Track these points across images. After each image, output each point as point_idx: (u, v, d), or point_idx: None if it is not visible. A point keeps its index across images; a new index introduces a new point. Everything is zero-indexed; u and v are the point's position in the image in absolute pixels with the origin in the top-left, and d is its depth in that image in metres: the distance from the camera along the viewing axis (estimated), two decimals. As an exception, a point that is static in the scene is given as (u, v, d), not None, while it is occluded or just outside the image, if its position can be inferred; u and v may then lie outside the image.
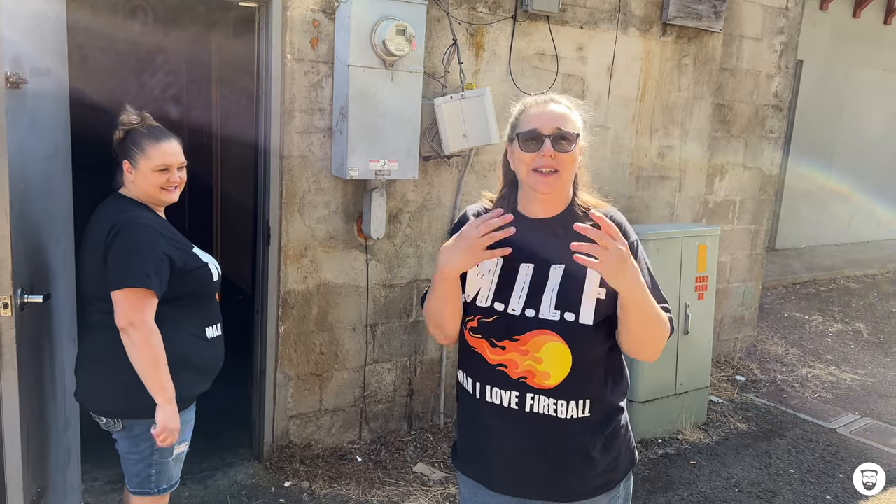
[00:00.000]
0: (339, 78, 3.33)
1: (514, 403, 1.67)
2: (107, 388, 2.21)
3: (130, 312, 2.09)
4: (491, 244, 1.59)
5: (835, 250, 9.91)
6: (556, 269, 1.68)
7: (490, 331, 1.68)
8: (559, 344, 1.63)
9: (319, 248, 3.54)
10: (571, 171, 1.72)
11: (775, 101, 5.28)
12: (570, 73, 4.19)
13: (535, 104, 1.76)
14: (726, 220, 5.24)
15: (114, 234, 2.12)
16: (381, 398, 3.91)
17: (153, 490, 2.31)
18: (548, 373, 1.63)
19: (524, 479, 1.73)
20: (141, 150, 2.22)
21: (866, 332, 6.50)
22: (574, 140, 1.69)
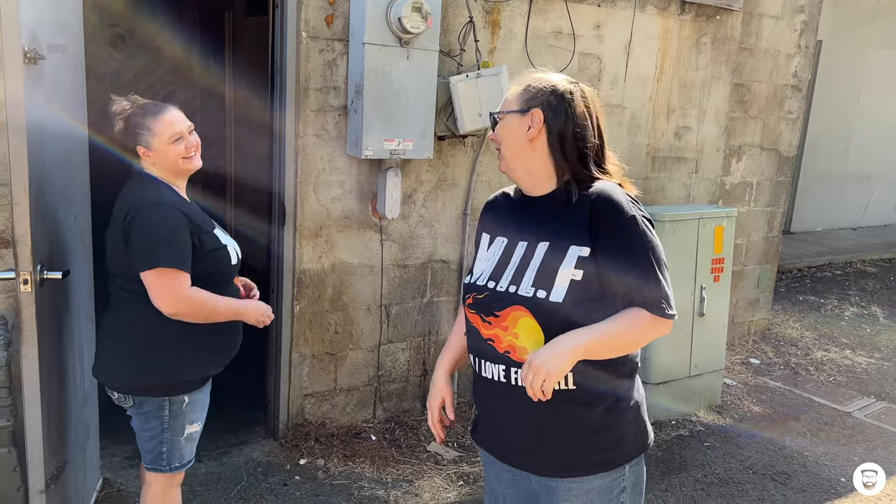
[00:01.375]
0: (354, 56, 3.30)
1: (502, 377, 1.70)
2: (119, 364, 2.23)
3: (165, 294, 2.10)
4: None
5: (851, 234, 9.82)
6: (541, 246, 1.69)
7: (481, 307, 1.73)
8: (531, 320, 1.64)
9: (334, 228, 3.54)
10: (508, 146, 1.74)
11: (794, 82, 5.21)
12: (587, 52, 4.14)
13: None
14: (743, 202, 5.20)
15: (133, 214, 2.11)
16: (395, 378, 3.92)
17: (165, 468, 2.33)
18: (525, 347, 1.65)
19: (521, 452, 1.75)
20: (148, 130, 2.19)
21: (882, 315, 6.45)
22: (500, 120, 1.75)
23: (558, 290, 1.62)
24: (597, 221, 1.64)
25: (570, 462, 1.70)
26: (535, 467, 1.74)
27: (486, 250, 1.82)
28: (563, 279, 1.63)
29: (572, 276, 1.62)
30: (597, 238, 1.63)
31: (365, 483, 3.33)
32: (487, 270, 1.76)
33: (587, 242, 1.63)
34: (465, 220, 3.93)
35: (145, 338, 2.19)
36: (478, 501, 3.25)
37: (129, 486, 3.16)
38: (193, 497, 3.12)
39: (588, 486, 1.70)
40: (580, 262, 1.62)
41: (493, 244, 1.81)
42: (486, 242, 1.84)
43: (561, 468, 1.71)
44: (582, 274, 1.62)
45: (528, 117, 1.70)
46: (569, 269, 1.63)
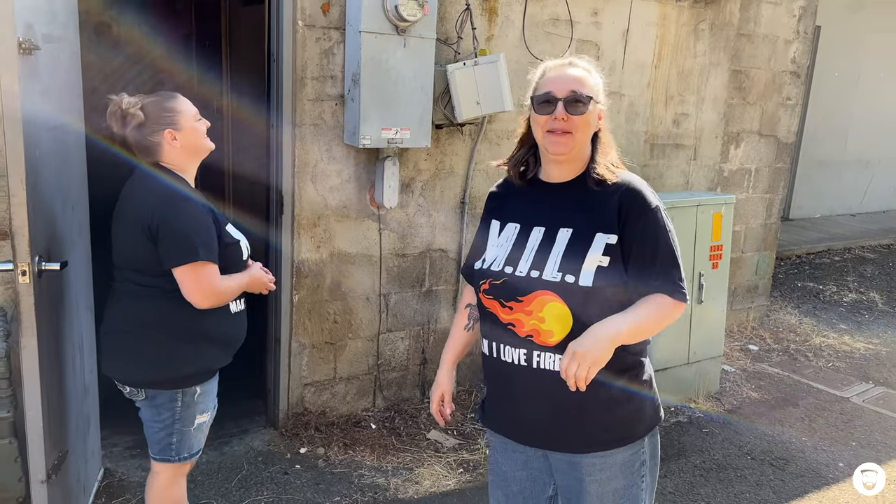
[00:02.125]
0: (351, 44, 3.29)
1: (522, 360, 1.74)
2: (132, 359, 2.21)
3: (200, 287, 2.12)
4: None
5: (850, 220, 9.82)
6: (563, 232, 1.73)
7: (499, 292, 1.76)
8: (559, 304, 1.68)
9: (332, 218, 3.54)
10: (585, 133, 1.75)
11: (793, 68, 5.19)
12: (585, 39, 4.12)
13: (553, 67, 1.81)
14: (741, 189, 5.19)
15: (161, 209, 2.10)
16: (394, 366, 3.93)
17: (174, 458, 2.34)
18: (551, 331, 1.69)
19: (543, 431, 1.80)
20: (174, 112, 2.19)
21: (881, 301, 6.47)
22: (587, 103, 1.73)
23: (586, 274, 1.67)
24: (625, 211, 1.70)
25: (594, 438, 1.76)
26: (558, 445, 1.80)
27: (498, 236, 1.84)
28: (590, 265, 1.67)
29: (599, 263, 1.67)
30: (624, 226, 1.70)
31: (365, 471, 3.35)
32: (502, 256, 1.79)
33: (615, 230, 1.69)
34: (463, 209, 3.93)
35: (160, 331, 2.19)
36: (477, 488, 3.27)
37: (130, 476, 3.18)
38: (195, 486, 3.14)
39: (612, 461, 1.77)
40: (608, 250, 1.68)
41: (504, 230, 1.83)
42: (497, 228, 1.86)
43: (585, 444, 1.77)
44: (609, 260, 1.68)
45: (599, 107, 1.77)
46: (596, 255, 1.68)
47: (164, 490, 2.38)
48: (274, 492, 3.16)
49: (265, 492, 3.15)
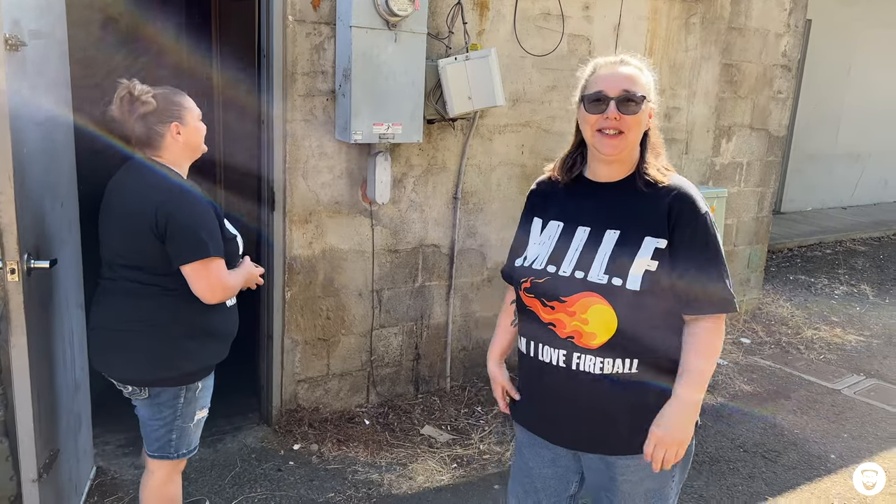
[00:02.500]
0: (342, 39, 3.28)
1: (562, 362, 1.73)
2: (133, 357, 2.19)
3: (209, 283, 2.13)
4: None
5: (841, 213, 9.87)
6: (610, 233, 1.71)
7: (541, 291, 1.74)
8: (605, 307, 1.66)
9: (324, 214, 3.52)
10: (637, 133, 1.73)
11: (784, 61, 5.20)
12: (576, 34, 4.12)
13: (604, 65, 1.78)
14: (733, 183, 5.21)
15: (167, 206, 2.08)
16: (387, 362, 3.93)
17: (173, 455, 2.34)
18: (594, 333, 1.68)
19: (577, 433, 1.80)
20: (181, 107, 2.21)
21: (872, 293, 6.50)
22: (640, 102, 1.70)
23: (633, 278, 1.65)
24: (675, 216, 1.68)
25: (629, 441, 1.75)
26: (592, 447, 1.80)
27: (540, 234, 1.82)
28: (638, 268, 1.66)
29: (647, 267, 1.66)
30: (673, 231, 1.68)
31: (359, 467, 3.34)
32: (544, 254, 1.77)
33: (664, 235, 1.68)
34: (455, 205, 3.92)
35: (165, 330, 2.18)
36: (471, 483, 3.27)
37: (122, 475, 3.17)
38: (188, 484, 3.13)
39: (645, 462, 1.75)
40: (657, 254, 1.66)
41: (546, 228, 1.82)
42: (539, 226, 1.84)
43: (620, 447, 1.77)
44: (657, 265, 1.66)
45: (650, 106, 1.75)
46: (645, 258, 1.66)
47: (161, 488, 2.38)
48: (267, 488, 3.15)
49: (259, 488, 3.15)
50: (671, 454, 1.67)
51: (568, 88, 4.16)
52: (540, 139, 4.14)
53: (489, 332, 4.24)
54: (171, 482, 2.40)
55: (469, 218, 4.01)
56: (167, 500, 2.41)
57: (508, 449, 3.57)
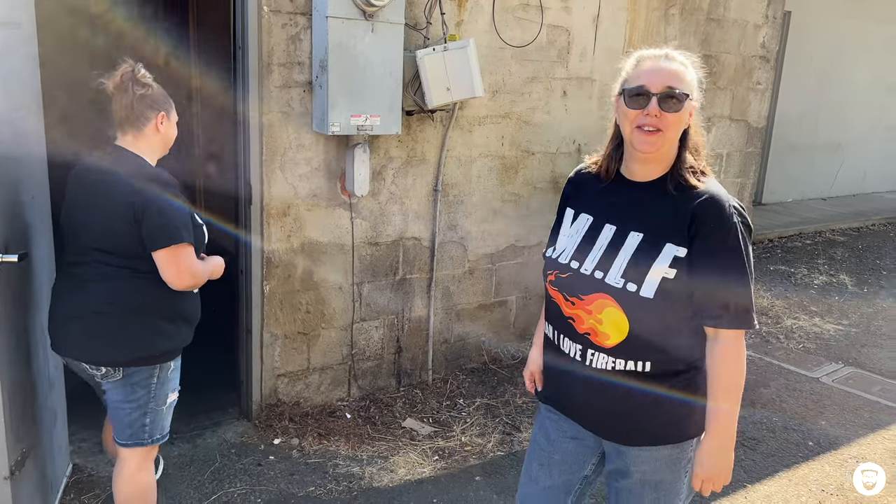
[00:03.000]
0: (318, 30, 3.24)
1: (578, 355, 1.76)
2: (109, 339, 2.23)
3: (181, 268, 2.21)
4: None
5: (821, 204, 9.96)
6: (633, 236, 1.69)
7: (564, 285, 1.76)
8: (617, 310, 1.66)
9: (302, 207, 3.50)
10: (676, 132, 1.68)
11: (762, 52, 5.23)
12: (555, 25, 4.11)
13: (648, 58, 1.72)
14: (713, 174, 5.22)
15: (145, 194, 2.16)
16: (369, 356, 3.91)
17: (146, 440, 2.35)
18: (607, 334, 1.69)
19: (594, 421, 1.84)
20: (170, 103, 2.33)
21: (850, 283, 6.56)
22: (682, 100, 1.65)
23: (649, 285, 1.63)
24: (698, 224, 1.63)
25: (643, 433, 1.77)
26: (608, 435, 1.83)
27: (570, 226, 1.83)
28: (655, 275, 1.63)
29: (664, 275, 1.63)
30: (693, 240, 1.63)
31: (340, 461, 3.33)
32: (570, 248, 1.77)
33: (685, 243, 1.63)
34: (435, 197, 3.91)
35: (140, 311, 2.24)
36: (452, 475, 3.27)
37: (99, 472, 3.13)
38: (166, 479, 3.10)
39: (658, 455, 1.77)
40: (675, 262, 1.63)
41: (577, 220, 1.82)
42: (570, 217, 1.84)
43: (633, 438, 1.78)
44: (675, 273, 1.63)
45: (691, 105, 1.69)
46: (663, 266, 1.63)
47: (134, 476, 2.39)
48: (247, 483, 3.13)
49: (238, 483, 3.12)
50: (718, 485, 1.72)
51: (548, 79, 4.16)
52: (520, 131, 4.13)
53: (471, 325, 4.25)
54: (145, 469, 2.41)
55: (450, 210, 3.99)
56: (142, 489, 2.41)
57: (490, 440, 3.57)
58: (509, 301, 4.38)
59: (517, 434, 3.63)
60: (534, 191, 4.27)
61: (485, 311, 4.30)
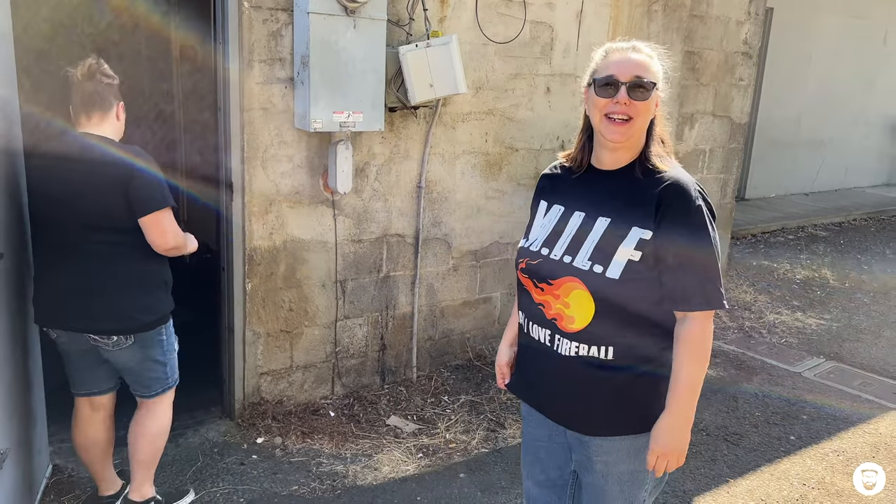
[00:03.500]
0: (299, 25, 3.22)
1: (546, 340, 1.80)
2: (119, 310, 2.47)
3: (168, 230, 2.45)
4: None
5: (803, 199, 10.04)
6: (602, 220, 1.73)
7: (534, 272, 1.79)
8: (584, 292, 1.69)
9: (284, 204, 3.47)
10: (645, 120, 1.72)
11: (745, 49, 5.25)
12: (538, 21, 4.10)
13: (616, 50, 1.77)
14: (696, 170, 5.25)
15: (131, 166, 2.40)
16: (353, 353, 3.90)
17: (170, 384, 2.72)
18: (573, 317, 1.72)
19: (558, 408, 1.86)
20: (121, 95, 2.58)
21: (832, 278, 6.63)
22: (650, 89, 1.70)
23: (615, 266, 1.67)
24: (664, 207, 1.66)
25: (605, 423, 1.78)
26: (571, 424, 1.84)
27: (543, 217, 1.87)
28: (621, 257, 1.67)
29: (630, 256, 1.66)
30: (660, 223, 1.66)
31: (323, 459, 3.32)
32: (542, 237, 1.82)
33: (650, 226, 1.66)
34: (419, 194, 3.89)
35: (137, 281, 2.50)
36: (437, 473, 3.26)
37: (80, 472, 3.10)
38: (148, 480, 3.07)
39: (619, 445, 1.79)
40: (641, 244, 1.66)
41: (549, 211, 1.87)
42: (544, 209, 1.89)
43: (595, 428, 1.80)
44: (640, 255, 1.66)
45: (657, 94, 1.74)
46: (628, 248, 1.67)
47: (165, 418, 2.73)
48: (230, 483, 3.11)
49: (221, 483, 3.10)
50: (673, 463, 1.72)
51: (531, 76, 4.16)
52: (504, 127, 4.13)
53: (455, 321, 4.24)
54: (168, 408, 2.76)
55: (434, 207, 3.98)
56: (165, 426, 2.75)
57: (475, 437, 3.57)
58: (494, 297, 4.37)
59: (502, 431, 3.63)
60: (518, 187, 4.26)
61: (469, 308, 4.29)
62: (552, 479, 1.99)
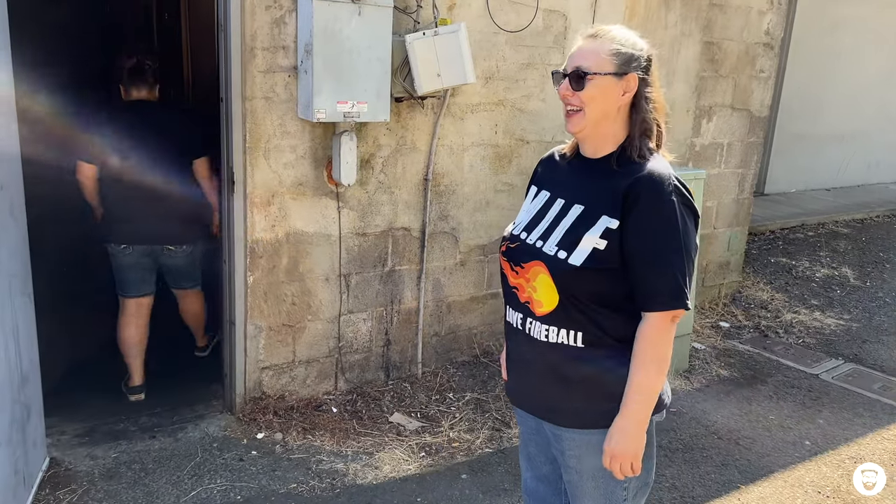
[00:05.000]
0: (303, 12, 3.13)
1: (519, 324, 1.79)
2: (187, 228, 3.64)
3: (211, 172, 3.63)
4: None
5: (825, 195, 9.81)
6: (576, 208, 1.72)
7: (511, 255, 1.80)
8: (547, 277, 1.69)
9: (287, 195, 3.40)
10: (597, 110, 1.69)
11: (766, 39, 5.09)
12: (552, 9, 3.98)
13: (579, 39, 1.75)
14: (713, 164, 5.11)
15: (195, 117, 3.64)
16: (356, 348, 3.83)
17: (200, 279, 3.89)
18: (541, 301, 1.72)
19: (533, 398, 1.86)
20: None
21: (853, 276, 6.45)
22: (583, 78, 1.67)
23: (579, 253, 1.65)
24: (632, 198, 1.63)
25: (575, 414, 1.77)
26: (544, 415, 1.84)
27: (531, 202, 1.87)
28: (586, 244, 1.66)
29: (595, 245, 1.65)
30: (628, 214, 1.63)
31: (324, 456, 3.25)
32: (524, 221, 1.83)
33: (617, 215, 1.65)
34: (426, 186, 3.80)
35: (192, 205, 3.59)
36: (438, 473, 3.19)
37: (77, 465, 3.06)
38: (145, 475, 3.03)
39: (589, 440, 1.76)
40: (606, 233, 1.64)
41: (537, 197, 1.86)
42: (533, 194, 1.89)
43: (565, 419, 1.78)
44: (605, 244, 1.64)
45: (625, 81, 1.68)
46: (594, 236, 1.65)
47: (201, 297, 3.91)
48: (228, 479, 3.06)
49: (218, 479, 3.05)
50: (626, 467, 1.68)
51: (543, 66, 4.04)
52: (514, 118, 4.02)
53: (462, 317, 4.16)
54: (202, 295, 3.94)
55: (441, 200, 3.89)
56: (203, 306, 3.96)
57: (479, 436, 3.49)
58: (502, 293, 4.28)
59: (506, 430, 3.55)
60: (528, 180, 4.15)
61: (476, 304, 4.21)
62: (545, 474, 2.01)
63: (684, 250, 1.62)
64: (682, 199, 1.64)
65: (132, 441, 3.28)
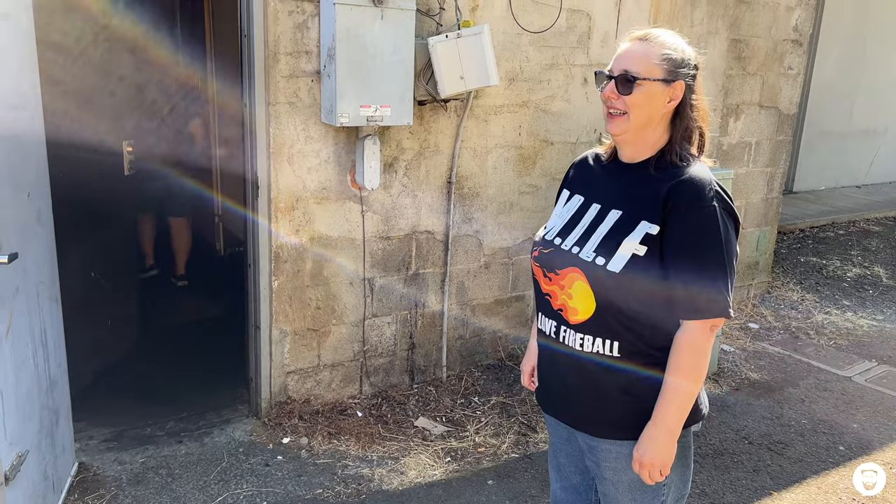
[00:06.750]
0: (326, 17, 3.13)
1: (552, 332, 1.76)
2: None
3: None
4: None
5: (855, 192, 9.62)
6: (614, 213, 1.69)
7: (544, 261, 1.76)
8: (585, 284, 1.65)
9: (311, 200, 3.39)
10: (642, 115, 1.64)
11: (795, 36, 4.99)
12: (576, 9, 3.94)
13: (627, 40, 1.72)
14: (741, 163, 5.03)
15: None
16: (381, 352, 3.82)
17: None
18: (576, 309, 1.68)
19: (566, 407, 1.82)
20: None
21: (885, 276, 6.31)
22: (632, 83, 1.62)
23: (618, 259, 1.61)
24: (672, 203, 1.60)
25: (608, 424, 1.73)
26: (577, 424, 1.80)
27: (563, 206, 1.83)
28: (625, 250, 1.62)
29: (635, 251, 1.61)
30: (668, 219, 1.59)
31: (349, 461, 3.25)
32: (558, 226, 1.78)
33: (657, 220, 1.61)
34: (450, 189, 3.78)
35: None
36: (464, 478, 3.16)
37: (105, 470, 3.08)
38: (172, 480, 3.05)
39: (627, 451, 1.71)
40: (647, 239, 1.61)
41: (570, 201, 1.82)
42: (565, 198, 1.85)
43: (599, 429, 1.75)
44: (645, 251, 1.61)
45: (672, 89, 1.65)
46: (633, 242, 1.61)
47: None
48: (254, 485, 3.06)
49: (245, 484, 3.06)
50: (655, 474, 1.64)
51: (567, 66, 4.00)
52: (538, 120, 3.98)
53: (487, 320, 4.13)
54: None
55: (464, 203, 3.87)
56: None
57: (505, 441, 3.46)
58: (527, 296, 4.24)
59: (533, 435, 3.51)
60: (553, 182, 4.12)
61: (501, 307, 4.17)
62: (574, 485, 1.96)
63: (726, 257, 1.58)
64: (723, 205, 1.60)
65: (159, 446, 3.30)
